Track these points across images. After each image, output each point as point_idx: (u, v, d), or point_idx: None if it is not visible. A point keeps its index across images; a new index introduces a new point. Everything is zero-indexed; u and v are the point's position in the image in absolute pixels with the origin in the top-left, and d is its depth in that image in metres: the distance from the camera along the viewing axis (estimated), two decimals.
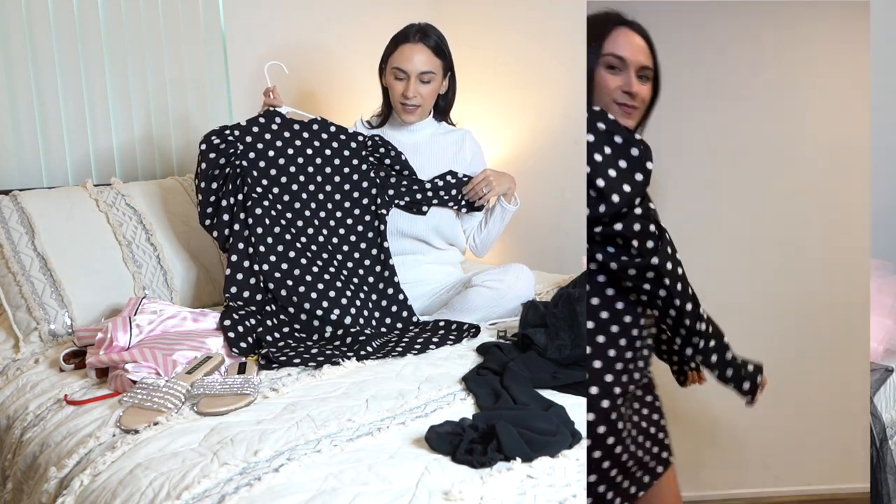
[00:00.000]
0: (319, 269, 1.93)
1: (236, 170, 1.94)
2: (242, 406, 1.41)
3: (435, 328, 1.90)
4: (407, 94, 2.08)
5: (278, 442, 1.24)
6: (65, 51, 2.25)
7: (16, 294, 1.88)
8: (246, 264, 1.89)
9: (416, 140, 2.18)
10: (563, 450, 1.18)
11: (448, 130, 2.24)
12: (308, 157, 2.03)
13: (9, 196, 2.03)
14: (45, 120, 2.24)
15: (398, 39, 2.10)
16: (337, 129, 2.09)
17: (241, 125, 1.99)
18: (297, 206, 1.99)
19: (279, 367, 1.63)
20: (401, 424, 1.30)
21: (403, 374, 1.57)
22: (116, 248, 2.02)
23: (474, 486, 1.06)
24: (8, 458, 1.51)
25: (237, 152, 1.95)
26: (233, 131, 1.96)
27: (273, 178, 1.98)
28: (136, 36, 2.36)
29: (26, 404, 1.56)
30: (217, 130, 1.95)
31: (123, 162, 2.38)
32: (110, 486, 1.18)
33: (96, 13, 2.29)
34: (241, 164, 1.94)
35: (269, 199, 1.95)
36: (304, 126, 2.05)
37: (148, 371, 1.52)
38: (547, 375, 1.51)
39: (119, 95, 2.36)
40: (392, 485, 1.09)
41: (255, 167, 1.96)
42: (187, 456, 1.22)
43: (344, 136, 2.08)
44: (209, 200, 1.93)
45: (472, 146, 2.24)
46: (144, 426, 1.33)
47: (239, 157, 1.95)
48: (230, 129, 1.96)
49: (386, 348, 1.76)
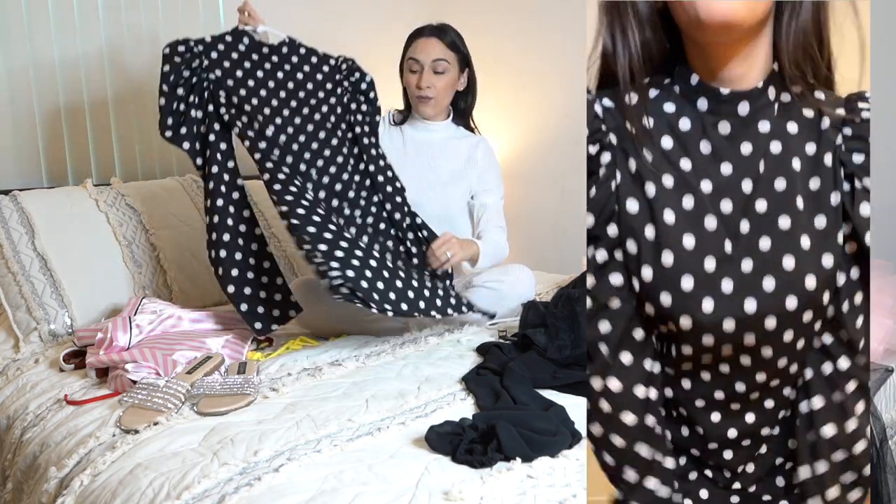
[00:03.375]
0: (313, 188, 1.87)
1: (203, 83, 1.81)
2: (242, 406, 1.41)
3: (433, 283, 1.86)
4: (420, 84, 2.08)
5: (278, 442, 1.24)
6: (65, 50, 2.25)
7: (16, 294, 1.88)
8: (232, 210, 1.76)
9: (431, 139, 2.18)
10: (563, 450, 1.18)
11: (464, 135, 2.22)
12: (279, 80, 1.94)
13: (9, 196, 2.03)
14: (45, 120, 2.25)
15: (414, 34, 2.12)
16: (307, 51, 2.01)
17: (205, 41, 1.84)
18: (269, 133, 1.88)
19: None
20: (401, 424, 1.30)
21: (403, 374, 1.57)
22: (116, 248, 2.02)
23: (474, 486, 1.06)
24: (8, 458, 1.51)
25: (203, 66, 1.82)
26: (197, 45, 1.82)
27: (243, 99, 1.85)
28: (136, 36, 2.36)
29: (26, 404, 1.56)
30: (181, 40, 1.81)
31: (123, 162, 2.38)
32: (110, 486, 1.18)
33: (96, 13, 2.29)
34: (208, 78, 1.82)
35: (242, 120, 1.83)
36: (273, 49, 1.96)
37: (148, 371, 1.52)
38: (547, 375, 1.51)
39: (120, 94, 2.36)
40: (392, 485, 1.09)
41: (223, 86, 1.83)
42: (187, 456, 1.22)
43: (315, 59, 2.01)
44: (173, 108, 1.78)
45: (485, 154, 2.21)
46: (144, 426, 1.33)
47: (206, 70, 1.82)
48: (194, 42, 1.82)
49: None
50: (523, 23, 2.86)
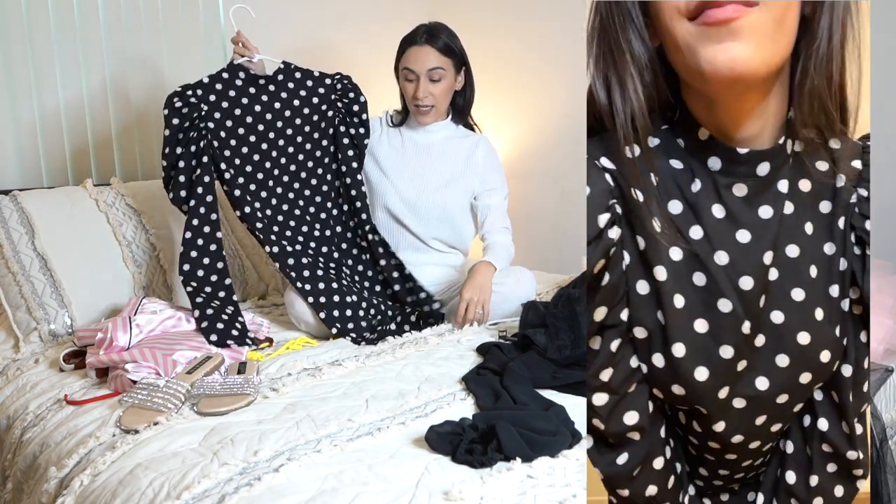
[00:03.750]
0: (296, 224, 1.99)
1: (201, 132, 1.88)
2: (242, 406, 1.41)
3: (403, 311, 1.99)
4: (417, 94, 2.06)
5: (278, 442, 1.24)
6: (65, 51, 2.25)
7: (16, 294, 1.88)
8: (200, 242, 1.83)
9: (430, 141, 2.17)
10: (563, 450, 1.18)
11: (464, 135, 2.21)
12: (276, 111, 1.99)
13: (9, 196, 2.03)
14: (45, 120, 2.25)
15: (406, 42, 2.09)
16: (303, 74, 2.05)
17: (203, 83, 1.91)
18: (267, 165, 1.98)
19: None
20: (401, 424, 1.30)
21: (403, 374, 1.57)
22: (116, 248, 2.02)
23: (474, 486, 1.06)
24: (8, 458, 1.51)
25: (201, 114, 1.89)
26: (195, 91, 1.89)
27: (241, 138, 1.94)
28: (136, 37, 2.36)
29: (26, 404, 1.56)
30: (179, 92, 1.87)
31: (123, 162, 2.38)
32: (110, 486, 1.18)
33: (96, 13, 2.29)
34: (206, 126, 1.89)
35: (238, 159, 1.93)
36: (269, 79, 2.00)
37: (148, 371, 1.52)
38: (547, 375, 1.51)
39: (119, 95, 2.36)
40: (392, 485, 1.09)
41: (223, 128, 1.92)
42: (187, 456, 1.22)
43: (311, 82, 2.05)
44: (174, 165, 1.85)
45: (485, 153, 2.19)
46: (144, 426, 1.33)
47: (203, 119, 1.89)
48: (192, 90, 1.89)
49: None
50: (524, 22, 2.86)
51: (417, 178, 2.13)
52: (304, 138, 2.03)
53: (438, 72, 2.05)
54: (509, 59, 2.90)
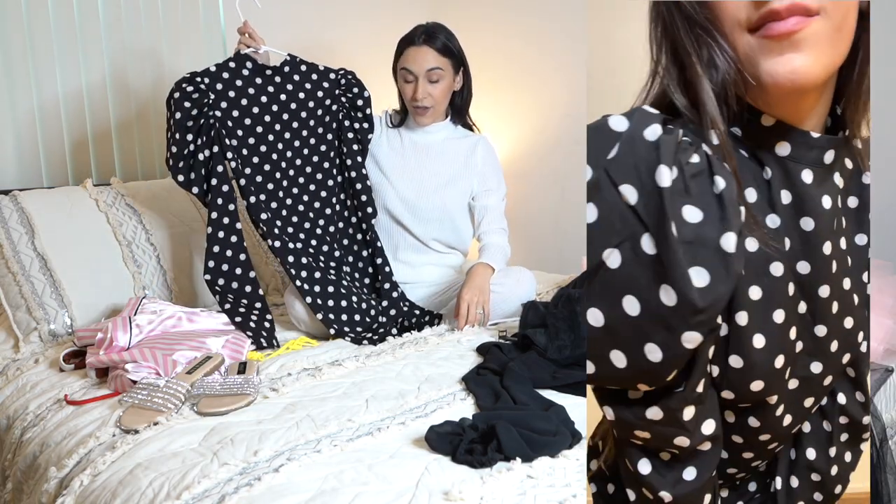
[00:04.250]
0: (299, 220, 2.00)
1: (210, 120, 1.87)
2: (242, 406, 1.41)
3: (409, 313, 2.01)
4: (416, 95, 2.06)
5: (278, 442, 1.24)
6: (65, 51, 2.25)
7: (16, 294, 1.88)
8: (221, 234, 1.85)
9: (429, 142, 2.17)
10: (563, 450, 1.18)
11: (463, 135, 2.21)
12: (282, 102, 1.99)
13: (9, 196, 2.03)
14: (45, 120, 2.25)
15: (404, 42, 2.09)
16: (308, 67, 2.05)
17: (210, 71, 1.90)
18: (274, 157, 1.97)
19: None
20: (401, 424, 1.30)
21: (403, 374, 1.57)
22: (116, 248, 2.02)
23: (474, 486, 1.06)
24: (8, 458, 1.51)
25: (209, 102, 1.87)
26: (203, 79, 1.88)
27: (248, 128, 1.94)
28: (136, 36, 2.36)
29: (26, 404, 1.56)
30: (188, 78, 1.86)
31: (123, 162, 2.38)
32: (110, 486, 1.18)
33: (96, 13, 2.29)
34: (213, 115, 1.88)
35: (246, 149, 1.93)
36: (276, 70, 2.00)
37: (148, 371, 1.52)
38: (547, 375, 1.51)
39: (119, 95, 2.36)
40: (392, 485, 1.09)
41: (230, 117, 1.91)
42: (187, 456, 1.22)
43: (316, 76, 2.05)
44: (183, 153, 1.84)
45: (484, 153, 2.19)
46: (144, 426, 1.33)
47: (211, 107, 1.88)
48: (200, 77, 1.87)
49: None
50: (524, 22, 2.86)
51: (417, 179, 2.13)
52: (309, 131, 2.03)
53: (437, 72, 2.05)
54: (510, 58, 2.90)
